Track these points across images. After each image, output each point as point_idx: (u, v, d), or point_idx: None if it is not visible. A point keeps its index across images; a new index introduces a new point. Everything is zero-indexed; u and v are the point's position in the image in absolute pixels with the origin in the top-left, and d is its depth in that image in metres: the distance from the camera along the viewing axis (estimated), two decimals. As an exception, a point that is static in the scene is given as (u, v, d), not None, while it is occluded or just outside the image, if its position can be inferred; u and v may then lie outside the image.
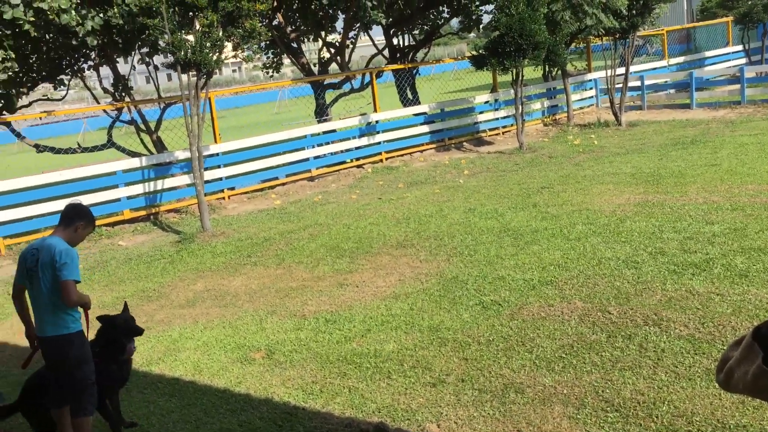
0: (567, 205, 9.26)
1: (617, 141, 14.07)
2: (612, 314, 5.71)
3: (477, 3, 15.94)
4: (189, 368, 5.76)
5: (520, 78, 14.30)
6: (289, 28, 15.41)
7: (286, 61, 17.24)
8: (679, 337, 5.17)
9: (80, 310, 4.44)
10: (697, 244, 7.04)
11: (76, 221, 4.45)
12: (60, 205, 10.65)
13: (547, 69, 17.42)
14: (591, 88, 18.96)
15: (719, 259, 6.56)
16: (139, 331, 4.79)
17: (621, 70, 16.30)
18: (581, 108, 18.50)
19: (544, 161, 13.02)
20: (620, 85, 16.06)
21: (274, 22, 14.81)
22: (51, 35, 11.19)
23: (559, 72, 17.02)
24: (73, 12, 9.95)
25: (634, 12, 15.13)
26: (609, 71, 15.97)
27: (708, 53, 22.51)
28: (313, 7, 15.18)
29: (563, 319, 5.74)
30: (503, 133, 16.78)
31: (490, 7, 15.93)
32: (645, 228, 7.80)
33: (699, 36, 27.25)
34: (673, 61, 21.29)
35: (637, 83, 17.82)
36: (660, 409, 4.32)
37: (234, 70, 72.91)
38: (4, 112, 11.38)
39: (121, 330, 4.69)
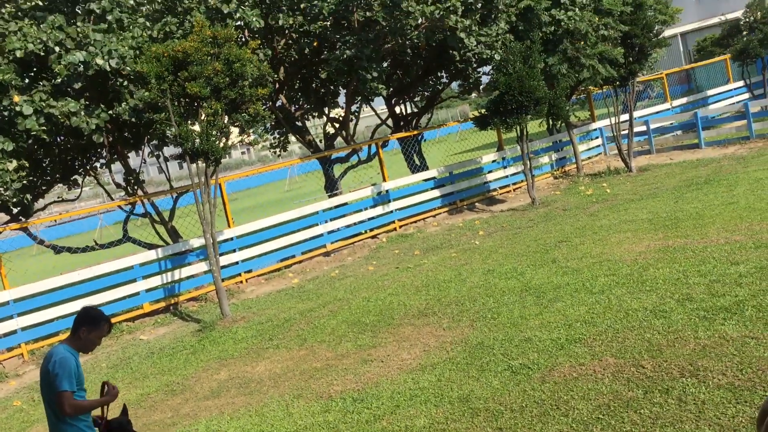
0: (587, 258, 9.14)
1: (630, 187, 14.01)
2: (646, 368, 5.53)
3: (474, 65, 16.21)
4: (217, 463, 5.60)
5: (525, 134, 14.39)
6: (293, 108, 15.70)
7: (293, 138, 17.50)
8: (718, 387, 4.99)
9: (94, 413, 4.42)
10: (725, 286, 6.88)
11: (80, 327, 4.44)
12: (80, 304, 10.66)
13: (551, 122, 17.53)
14: (597, 137, 19.04)
15: (749, 300, 6.39)
16: None
17: (625, 117, 16.39)
18: (589, 158, 18.53)
19: (559, 214, 12.96)
20: (626, 132, 16.11)
21: (278, 103, 15.10)
22: (62, 137, 11.46)
23: (563, 124, 17.13)
24: (83, 113, 10.21)
25: (630, 59, 15.32)
26: (613, 119, 16.07)
27: (710, 92, 22.64)
28: (314, 85, 15.49)
29: (596, 378, 5.57)
30: (514, 189, 16.78)
31: (487, 68, 16.18)
32: (669, 274, 7.66)
33: (699, 75, 27.46)
34: (676, 102, 21.42)
35: (643, 128, 17.87)
36: (708, 466, 4.12)
37: (243, 152, 74.13)
38: (21, 218, 11.55)
39: None
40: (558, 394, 5.45)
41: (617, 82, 15.80)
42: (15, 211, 11.62)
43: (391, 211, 14.72)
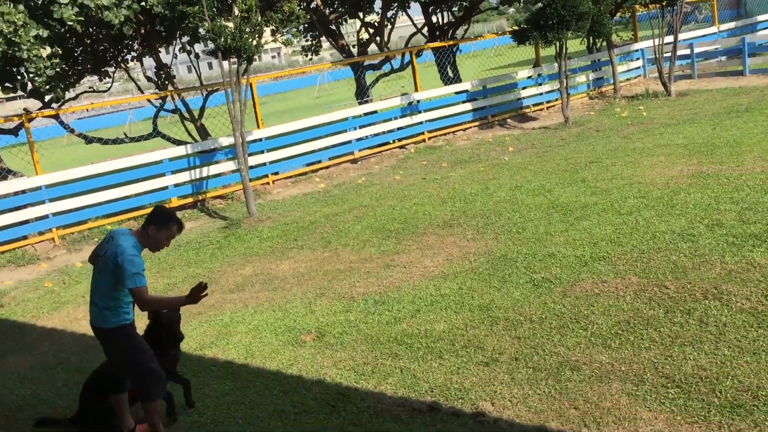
0: (617, 179, 9.02)
1: (667, 111, 13.66)
2: (669, 289, 5.53)
3: (517, -24, 15.60)
4: (241, 351, 5.79)
5: (564, 51, 13.96)
6: (328, 10, 15.33)
7: (325, 44, 17.19)
8: (741, 311, 4.99)
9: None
10: (757, 214, 6.77)
11: (150, 224, 4.37)
12: (110, 194, 10.85)
13: (591, 40, 16.98)
14: (638, 59, 18.44)
15: (781, 229, 6.30)
16: (180, 338, 4.82)
17: (669, 39, 15.79)
18: (628, 79, 18.02)
19: (591, 135, 12.73)
20: (668, 54, 15.56)
21: (312, 5, 14.74)
22: (94, 28, 11.34)
23: (604, 43, 16.57)
24: (115, 9, 10.05)
25: (681, -23, 14.60)
26: (657, 40, 15.48)
27: (760, 17, 21.64)
28: (350, -13, 15.05)
29: (618, 295, 5.60)
30: (548, 108, 16.46)
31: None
32: (700, 200, 7.55)
33: (750, 0, 26.22)
34: (724, 27, 20.53)
35: (687, 51, 17.25)
36: (723, 384, 4.17)
37: (273, 56, 73.27)
38: (53, 105, 11.61)
39: (165, 332, 4.72)
40: (578, 309, 5.49)
41: (664, 2, 15.13)
42: (47, 98, 11.67)
43: (421, 122, 14.56)
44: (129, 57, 13.21)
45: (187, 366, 5.68)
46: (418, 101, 14.54)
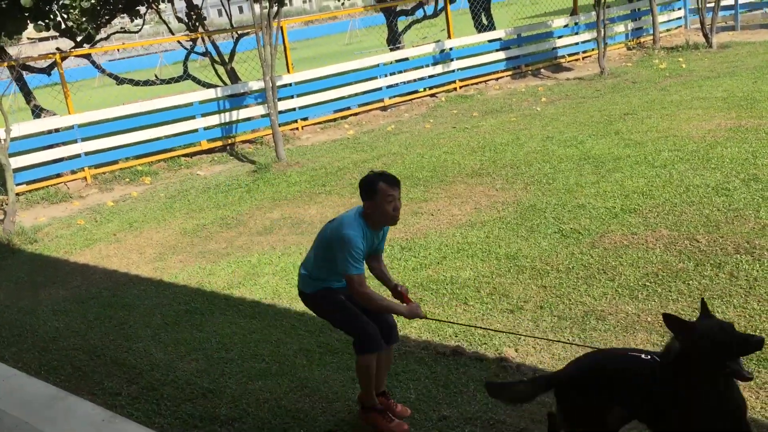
0: (652, 132, 8.83)
1: (707, 64, 13.26)
2: (700, 242, 5.45)
3: None
4: (268, 292, 5.87)
5: (603, -1, 13.57)
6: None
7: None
8: (773, 266, 4.90)
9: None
10: (795, 170, 6.60)
11: (363, 200, 3.66)
12: (141, 135, 10.91)
13: (632, -11, 16.46)
14: (679, 9, 17.86)
15: (820, 185, 6.14)
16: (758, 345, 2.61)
17: (713, -12, 15.24)
18: (668, 30, 17.48)
19: (628, 87, 12.43)
20: (711, 5, 15.02)
21: (346, -53, 14.45)
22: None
23: (645, -8, 16.07)
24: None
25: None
26: (700, -11, 14.95)
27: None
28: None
29: (647, 248, 5.53)
30: (583, 58, 16.08)
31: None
32: (737, 154, 7.37)
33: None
34: (771, -23, 19.72)
35: (730, 2, 16.65)
36: (752, 339, 4.12)
37: (305, 1, 72.39)
38: (84, 45, 11.63)
39: (720, 349, 2.62)
40: (606, 260, 5.45)
41: (711, -51, 14.57)
42: (79, 38, 11.69)
43: (453, 71, 14.33)
44: (160, -3, 13.13)
45: (215, 304, 5.79)
46: (451, 49, 14.29)
